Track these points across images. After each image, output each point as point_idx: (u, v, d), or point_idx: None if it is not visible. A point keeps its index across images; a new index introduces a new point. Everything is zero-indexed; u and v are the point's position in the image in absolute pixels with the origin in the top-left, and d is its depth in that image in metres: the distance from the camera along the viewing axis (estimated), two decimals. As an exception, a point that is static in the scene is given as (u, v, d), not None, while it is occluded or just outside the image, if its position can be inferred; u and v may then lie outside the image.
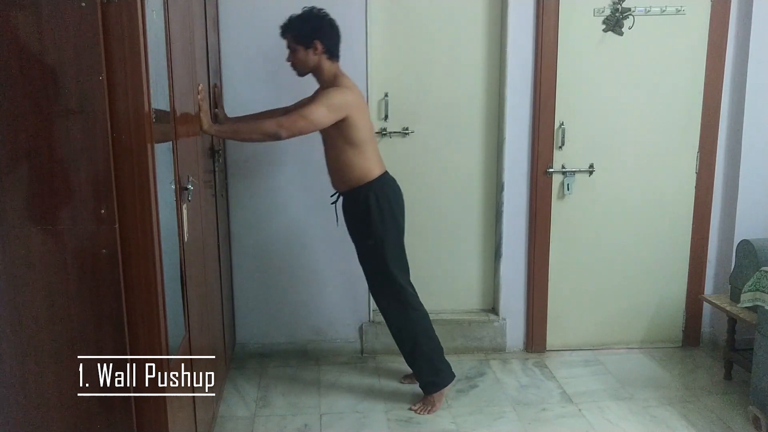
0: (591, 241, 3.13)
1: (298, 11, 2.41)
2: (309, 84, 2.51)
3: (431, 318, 2.62)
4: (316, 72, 2.46)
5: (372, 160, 2.49)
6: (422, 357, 2.61)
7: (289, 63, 2.46)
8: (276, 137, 2.31)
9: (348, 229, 2.61)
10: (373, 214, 2.47)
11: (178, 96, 1.79)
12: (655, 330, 3.23)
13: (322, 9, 2.43)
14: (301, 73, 2.48)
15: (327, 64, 2.44)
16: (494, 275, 3.20)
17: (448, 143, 3.07)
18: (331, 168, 2.55)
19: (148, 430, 1.55)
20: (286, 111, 2.53)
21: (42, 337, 1.47)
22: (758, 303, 2.48)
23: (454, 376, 2.68)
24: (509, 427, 2.50)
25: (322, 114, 2.32)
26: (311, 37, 2.38)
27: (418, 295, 2.62)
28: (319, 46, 2.39)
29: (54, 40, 1.35)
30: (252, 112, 2.65)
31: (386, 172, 2.56)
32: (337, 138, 2.44)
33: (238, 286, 3.04)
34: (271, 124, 2.31)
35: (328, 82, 2.44)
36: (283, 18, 2.42)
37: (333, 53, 2.44)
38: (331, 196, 2.64)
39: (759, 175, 3.01)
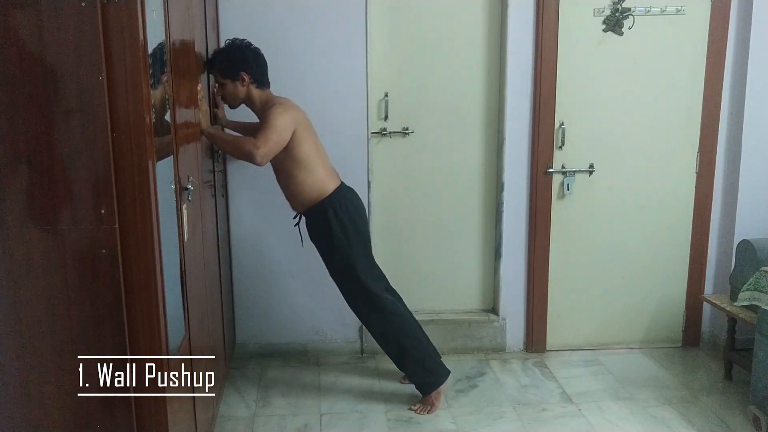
0: (591, 241, 3.12)
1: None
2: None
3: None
4: (248, 102, 2.47)
5: (323, 175, 2.48)
6: (412, 360, 2.61)
7: (219, 97, 2.48)
8: (250, 159, 2.29)
9: (315, 247, 2.60)
10: (334, 229, 2.47)
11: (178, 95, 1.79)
12: (655, 330, 3.23)
13: (244, 39, 2.43)
14: (233, 106, 2.50)
15: (257, 93, 2.44)
16: (494, 275, 3.20)
17: (448, 143, 3.07)
18: (286, 191, 2.54)
19: (148, 430, 1.55)
20: None
21: (42, 337, 1.47)
22: (754, 302, 2.48)
23: (449, 372, 2.67)
24: (509, 427, 2.50)
25: (283, 127, 2.32)
26: (237, 69, 2.39)
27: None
28: (246, 77, 2.40)
29: (54, 40, 1.35)
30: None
31: (342, 184, 2.55)
32: (283, 159, 2.42)
33: (238, 286, 3.04)
34: (247, 144, 2.30)
35: (262, 110, 2.43)
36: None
37: (261, 82, 2.45)
38: (293, 218, 2.64)
39: (759, 175, 3.01)
